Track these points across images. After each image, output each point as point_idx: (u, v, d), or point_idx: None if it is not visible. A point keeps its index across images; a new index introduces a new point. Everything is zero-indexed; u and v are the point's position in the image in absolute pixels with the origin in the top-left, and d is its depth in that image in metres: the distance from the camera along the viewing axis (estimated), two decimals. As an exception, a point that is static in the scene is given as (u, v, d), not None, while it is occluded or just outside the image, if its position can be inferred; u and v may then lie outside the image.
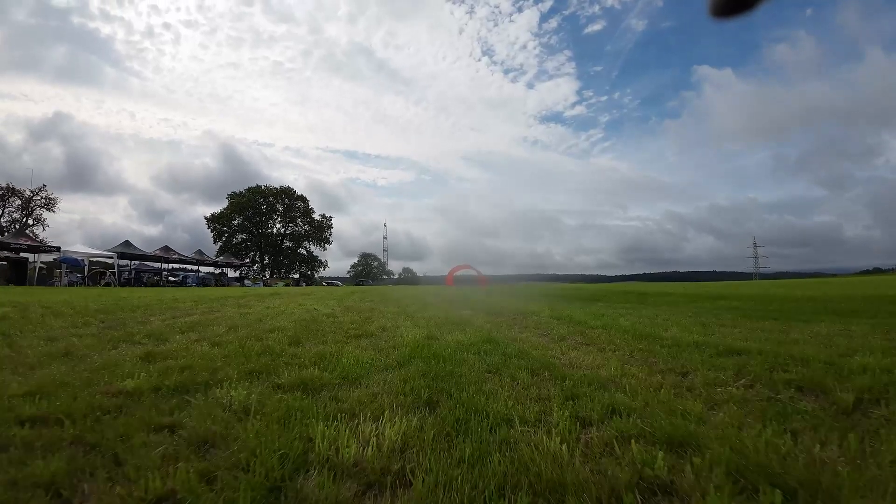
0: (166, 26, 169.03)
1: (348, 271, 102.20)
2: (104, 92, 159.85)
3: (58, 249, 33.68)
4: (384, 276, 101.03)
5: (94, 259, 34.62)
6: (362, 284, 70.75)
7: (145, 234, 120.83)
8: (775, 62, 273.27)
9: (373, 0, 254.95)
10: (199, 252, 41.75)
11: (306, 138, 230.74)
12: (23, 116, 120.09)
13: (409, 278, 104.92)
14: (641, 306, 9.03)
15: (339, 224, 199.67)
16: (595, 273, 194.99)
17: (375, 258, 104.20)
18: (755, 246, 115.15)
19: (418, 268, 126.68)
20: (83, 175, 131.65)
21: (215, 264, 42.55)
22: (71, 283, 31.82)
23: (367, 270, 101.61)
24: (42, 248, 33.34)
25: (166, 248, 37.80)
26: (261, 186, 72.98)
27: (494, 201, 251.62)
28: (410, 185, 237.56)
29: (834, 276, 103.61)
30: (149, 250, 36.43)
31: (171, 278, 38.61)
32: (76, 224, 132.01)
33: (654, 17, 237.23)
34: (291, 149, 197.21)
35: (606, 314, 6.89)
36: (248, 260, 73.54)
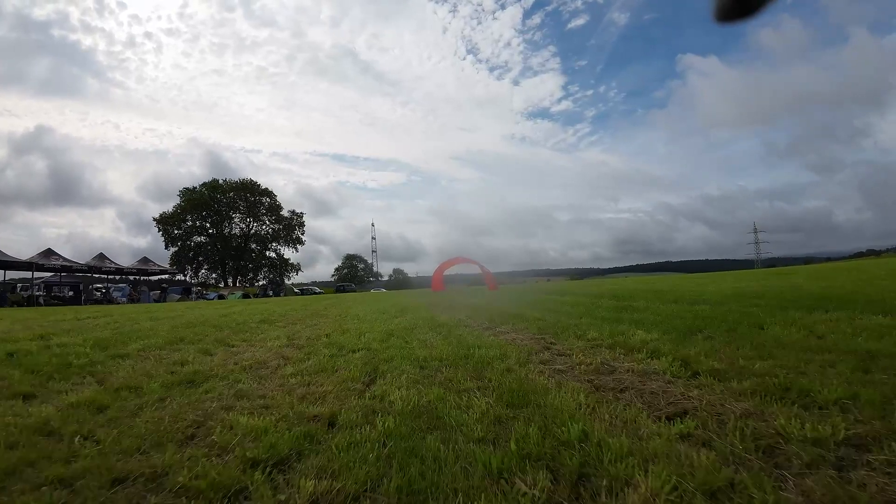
0: (148, 35, 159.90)
1: (332, 275, 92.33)
2: (88, 104, 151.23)
3: None
4: (371, 279, 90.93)
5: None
6: (344, 290, 60.23)
7: (134, 246, 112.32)
8: (761, 47, 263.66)
9: (355, 2, 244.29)
10: (100, 257, 32.11)
11: (294, 143, 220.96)
12: (5, 132, 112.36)
13: (399, 280, 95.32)
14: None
15: (331, 228, 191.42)
16: (589, 267, 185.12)
17: (362, 260, 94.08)
18: (756, 232, 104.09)
19: (412, 269, 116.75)
20: (69, 188, 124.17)
21: (119, 272, 32.87)
22: None
23: (353, 274, 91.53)
24: None
25: (48, 252, 28.33)
26: (218, 181, 63.36)
27: (486, 200, 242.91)
28: (401, 187, 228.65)
29: (828, 260, 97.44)
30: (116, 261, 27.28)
31: (90, 294, 29.53)
32: (64, 238, 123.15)
33: (637, 9, 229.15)
34: (279, 154, 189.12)
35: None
36: (204, 268, 64.00)
